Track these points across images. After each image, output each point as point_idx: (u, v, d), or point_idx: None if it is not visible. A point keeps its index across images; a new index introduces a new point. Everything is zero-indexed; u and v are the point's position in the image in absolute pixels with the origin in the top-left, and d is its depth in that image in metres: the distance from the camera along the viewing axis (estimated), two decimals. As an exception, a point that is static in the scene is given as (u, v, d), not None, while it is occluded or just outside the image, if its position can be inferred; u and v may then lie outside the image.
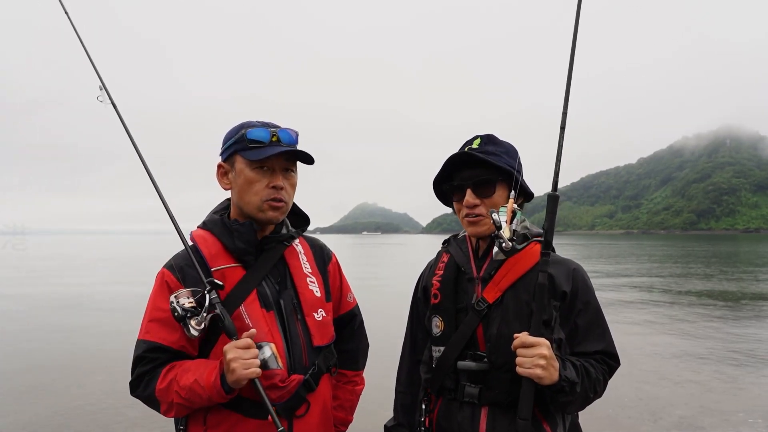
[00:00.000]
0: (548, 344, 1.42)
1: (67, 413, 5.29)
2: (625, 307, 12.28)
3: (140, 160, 1.77)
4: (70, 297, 14.54)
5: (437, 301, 1.72)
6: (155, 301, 1.60)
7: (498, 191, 1.65)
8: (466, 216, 1.67)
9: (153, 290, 1.62)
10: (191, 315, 1.45)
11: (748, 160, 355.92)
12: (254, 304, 1.59)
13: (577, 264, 1.65)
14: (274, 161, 1.62)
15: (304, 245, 1.81)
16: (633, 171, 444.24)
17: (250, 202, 1.63)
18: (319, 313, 1.71)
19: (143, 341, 1.57)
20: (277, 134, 1.62)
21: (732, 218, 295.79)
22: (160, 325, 1.56)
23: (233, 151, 1.64)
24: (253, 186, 1.62)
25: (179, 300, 1.46)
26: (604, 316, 1.64)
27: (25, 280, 20.14)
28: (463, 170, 1.69)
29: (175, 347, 1.56)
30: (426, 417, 1.72)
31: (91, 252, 48.19)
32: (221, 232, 1.64)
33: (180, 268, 1.60)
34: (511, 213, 1.47)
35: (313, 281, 1.74)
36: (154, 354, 1.55)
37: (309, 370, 1.65)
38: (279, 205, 1.64)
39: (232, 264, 1.62)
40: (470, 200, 1.65)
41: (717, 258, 32.44)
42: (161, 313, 1.55)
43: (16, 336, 9.32)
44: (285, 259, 1.72)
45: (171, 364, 1.56)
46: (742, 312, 11.73)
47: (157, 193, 1.75)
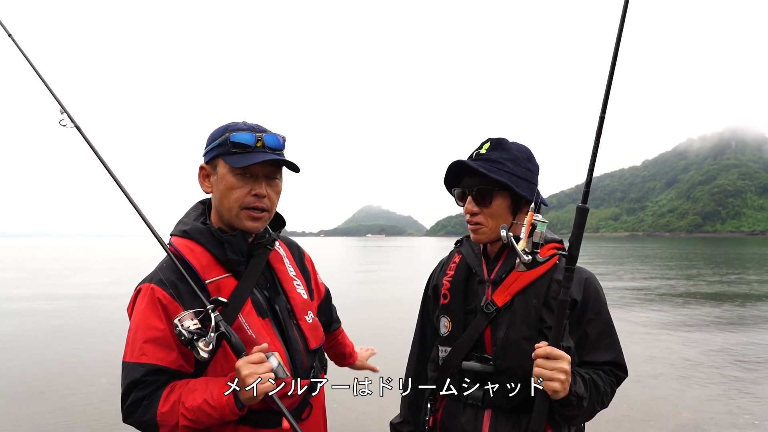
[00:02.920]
0: (569, 360, 1.42)
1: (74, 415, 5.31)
2: (630, 309, 12.23)
3: (113, 179, 1.67)
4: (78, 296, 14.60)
5: (447, 301, 1.73)
6: (148, 320, 1.48)
7: (497, 200, 1.64)
8: (469, 223, 1.69)
9: (140, 308, 1.51)
10: (198, 337, 1.39)
11: (754, 162, 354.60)
12: (252, 314, 1.56)
13: (590, 273, 1.64)
14: (258, 168, 1.55)
15: (283, 247, 1.79)
16: (637, 173, 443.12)
17: (229, 209, 1.56)
18: (309, 316, 1.71)
19: (139, 364, 1.45)
20: (262, 139, 1.55)
21: (737, 220, 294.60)
22: (156, 346, 1.46)
23: (216, 154, 1.57)
24: (234, 192, 1.55)
25: (183, 323, 1.40)
26: (614, 326, 1.64)
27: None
28: (466, 177, 1.70)
29: (174, 367, 1.48)
30: (430, 417, 1.72)
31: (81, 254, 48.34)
32: (210, 243, 1.56)
33: (172, 283, 1.50)
34: (529, 226, 1.43)
35: (299, 284, 1.73)
36: (154, 377, 1.45)
37: (310, 374, 1.65)
38: (259, 216, 1.58)
39: (224, 275, 1.56)
40: (470, 208, 1.67)
41: (722, 260, 32.28)
42: (156, 333, 1.46)
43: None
44: (270, 264, 1.69)
45: (171, 385, 1.47)
46: (748, 315, 11.66)
47: (135, 210, 1.66)
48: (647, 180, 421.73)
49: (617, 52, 1.35)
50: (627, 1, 1.34)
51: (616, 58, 1.35)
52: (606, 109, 1.36)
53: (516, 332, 1.56)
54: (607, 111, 1.36)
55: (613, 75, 1.36)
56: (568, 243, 1.42)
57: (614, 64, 1.36)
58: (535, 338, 1.54)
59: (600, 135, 1.37)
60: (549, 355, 1.40)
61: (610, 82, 1.36)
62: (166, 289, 1.49)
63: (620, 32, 1.35)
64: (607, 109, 1.36)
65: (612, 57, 1.35)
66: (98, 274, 23.91)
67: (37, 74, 1.77)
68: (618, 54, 1.35)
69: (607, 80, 1.37)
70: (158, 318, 1.47)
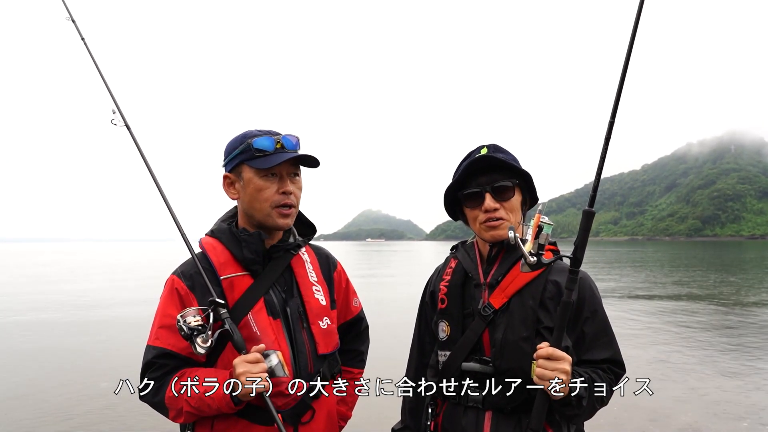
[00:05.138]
0: (570, 360, 1.44)
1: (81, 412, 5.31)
2: (630, 312, 12.23)
3: (154, 181, 1.77)
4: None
5: (444, 305, 1.74)
6: (165, 308, 1.62)
7: (515, 195, 1.68)
8: (486, 221, 1.66)
9: (162, 296, 1.65)
10: (197, 333, 1.47)
11: (753, 166, 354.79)
12: (261, 313, 1.62)
13: (585, 272, 1.66)
14: (281, 167, 1.65)
15: (310, 254, 1.84)
16: (637, 177, 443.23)
17: (261, 209, 1.65)
18: (324, 321, 1.73)
19: (152, 347, 1.60)
20: (281, 141, 1.66)
21: (737, 224, 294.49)
22: (169, 332, 1.58)
23: (239, 161, 1.66)
24: (263, 193, 1.64)
25: (185, 318, 1.48)
26: (610, 324, 1.66)
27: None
28: (478, 176, 1.69)
29: (184, 354, 1.59)
30: (432, 421, 1.73)
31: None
32: (229, 241, 1.67)
33: (190, 276, 1.63)
34: (536, 228, 1.45)
35: (319, 290, 1.77)
36: (164, 360, 1.59)
37: (314, 377, 1.67)
38: (288, 212, 1.67)
39: (240, 272, 1.65)
40: (491, 204, 1.65)
41: (722, 264, 32.27)
42: (170, 320, 1.57)
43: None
44: (292, 268, 1.75)
45: (181, 372, 1.58)
46: (747, 317, 11.66)
47: (167, 209, 1.76)
48: (647, 184, 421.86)
49: (628, 60, 1.36)
50: (638, 16, 1.35)
51: (626, 68, 1.36)
52: (615, 115, 1.38)
53: (514, 333, 1.58)
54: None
55: (623, 84, 1.37)
56: (574, 246, 1.43)
57: (624, 73, 1.37)
58: (533, 339, 1.56)
59: (608, 141, 1.39)
60: (551, 356, 1.42)
61: (619, 92, 1.38)
62: (184, 281, 1.63)
63: (631, 42, 1.35)
64: (616, 116, 1.38)
65: (623, 66, 1.36)
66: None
67: (98, 70, 1.85)
68: (629, 64, 1.35)
69: (617, 90, 1.38)
70: (174, 306, 1.60)
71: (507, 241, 1.54)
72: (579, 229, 1.42)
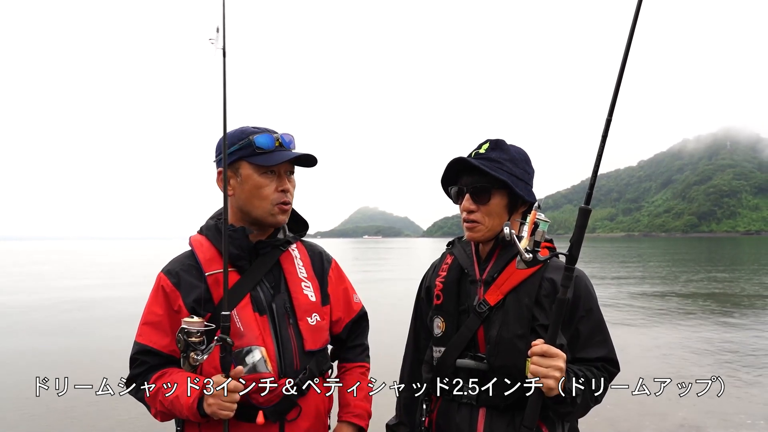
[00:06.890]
0: (565, 358, 1.43)
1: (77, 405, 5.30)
2: (627, 308, 12.28)
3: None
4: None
5: (439, 302, 1.74)
6: (150, 305, 1.65)
7: (494, 199, 1.66)
8: (464, 221, 1.70)
9: (150, 293, 1.67)
10: (192, 349, 1.45)
11: (749, 162, 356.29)
12: (247, 309, 1.62)
13: (580, 270, 1.65)
14: (281, 165, 1.67)
15: (301, 250, 1.83)
16: (633, 173, 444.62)
17: (261, 207, 1.66)
18: (313, 318, 1.72)
19: (136, 343, 1.63)
20: (280, 139, 1.67)
21: (733, 220, 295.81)
22: (152, 329, 1.62)
23: (238, 157, 1.65)
24: (263, 190, 1.65)
25: (188, 331, 1.44)
26: (605, 322, 1.66)
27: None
28: (464, 175, 1.71)
29: (166, 351, 1.61)
30: (426, 417, 1.73)
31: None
32: (215, 237, 1.68)
33: (176, 273, 1.65)
34: (532, 225, 1.44)
35: (308, 286, 1.75)
36: (145, 357, 1.62)
37: (300, 374, 1.65)
38: (287, 208, 1.70)
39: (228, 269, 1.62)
40: (467, 205, 1.68)
41: (719, 260, 32.40)
42: (154, 317, 1.62)
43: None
44: (280, 264, 1.74)
45: (161, 372, 1.61)
46: (744, 314, 11.72)
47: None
48: (643, 180, 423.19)
49: (626, 59, 1.35)
50: (636, 18, 1.34)
51: (624, 65, 1.36)
52: (612, 113, 1.38)
53: (509, 330, 1.58)
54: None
55: (621, 82, 1.36)
56: (569, 243, 1.42)
57: (622, 71, 1.36)
58: (527, 336, 1.55)
59: (605, 139, 1.38)
60: (545, 353, 1.41)
61: (617, 90, 1.37)
62: (170, 278, 1.64)
63: (629, 42, 1.34)
64: (613, 113, 1.37)
65: (620, 64, 1.36)
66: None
67: None
68: (627, 62, 1.35)
69: (615, 87, 1.37)
70: (158, 304, 1.63)
71: (503, 237, 1.54)
72: (575, 227, 1.41)
